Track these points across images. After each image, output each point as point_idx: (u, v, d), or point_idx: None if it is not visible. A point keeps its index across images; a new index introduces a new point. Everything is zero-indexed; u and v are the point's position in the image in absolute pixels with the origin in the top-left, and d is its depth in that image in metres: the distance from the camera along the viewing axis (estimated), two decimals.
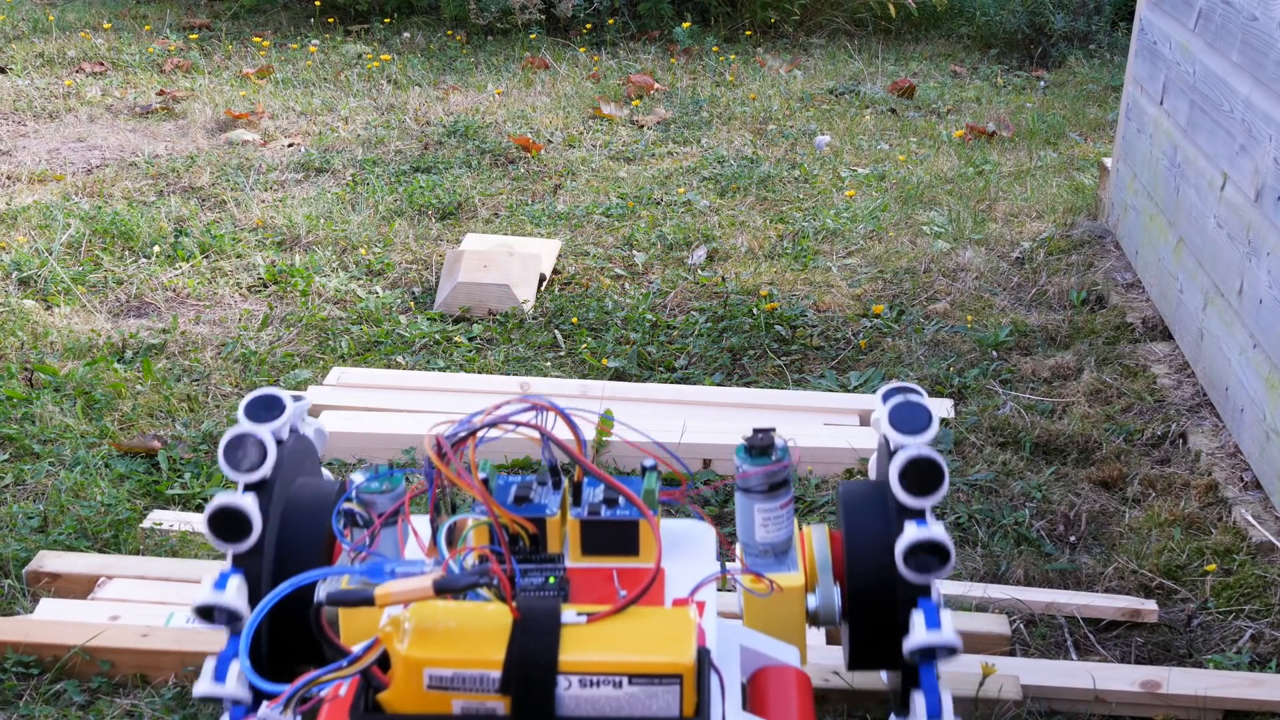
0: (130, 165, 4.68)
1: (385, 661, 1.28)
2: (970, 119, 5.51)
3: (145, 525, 2.53)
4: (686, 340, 3.42)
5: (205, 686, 1.65)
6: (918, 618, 1.67)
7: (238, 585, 1.69)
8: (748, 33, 6.95)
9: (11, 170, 4.60)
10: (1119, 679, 2.14)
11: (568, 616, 1.32)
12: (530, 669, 1.26)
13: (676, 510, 2.41)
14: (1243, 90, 3.02)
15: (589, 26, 6.74)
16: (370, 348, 3.36)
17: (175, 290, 3.65)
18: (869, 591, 1.75)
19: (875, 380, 3.21)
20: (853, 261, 3.97)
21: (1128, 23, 6.64)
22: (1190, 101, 3.43)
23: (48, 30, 6.53)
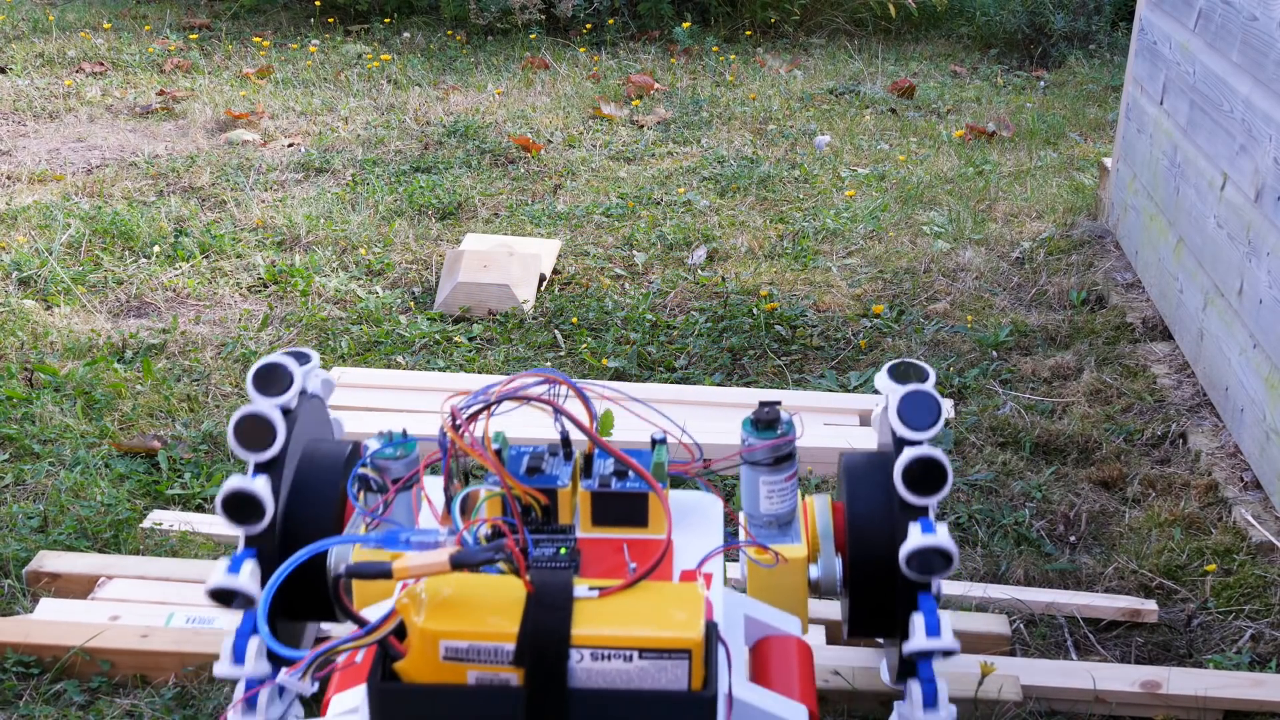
0: (130, 165, 4.68)
1: (401, 631, 1.31)
2: (970, 119, 5.51)
3: (145, 525, 2.53)
4: (686, 340, 3.42)
5: (224, 668, 1.71)
6: (918, 621, 1.72)
7: (251, 569, 1.72)
8: (748, 33, 6.95)
9: (11, 170, 4.60)
10: (1119, 679, 2.14)
11: (580, 591, 1.34)
12: (543, 642, 1.29)
13: (690, 483, 2.42)
14: (1243, 90, 3.02)
15: (589, 26, 6.74)
16: (370, 348, 3.36)
17: (175, 290, 3.65)
18: (869, 562, 1.79)
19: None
20: (853, 261, 3.97)
21: (1128, 23, 6.64)
22: (1190, 101, 3.43)
23: (48, 30, 6.53)
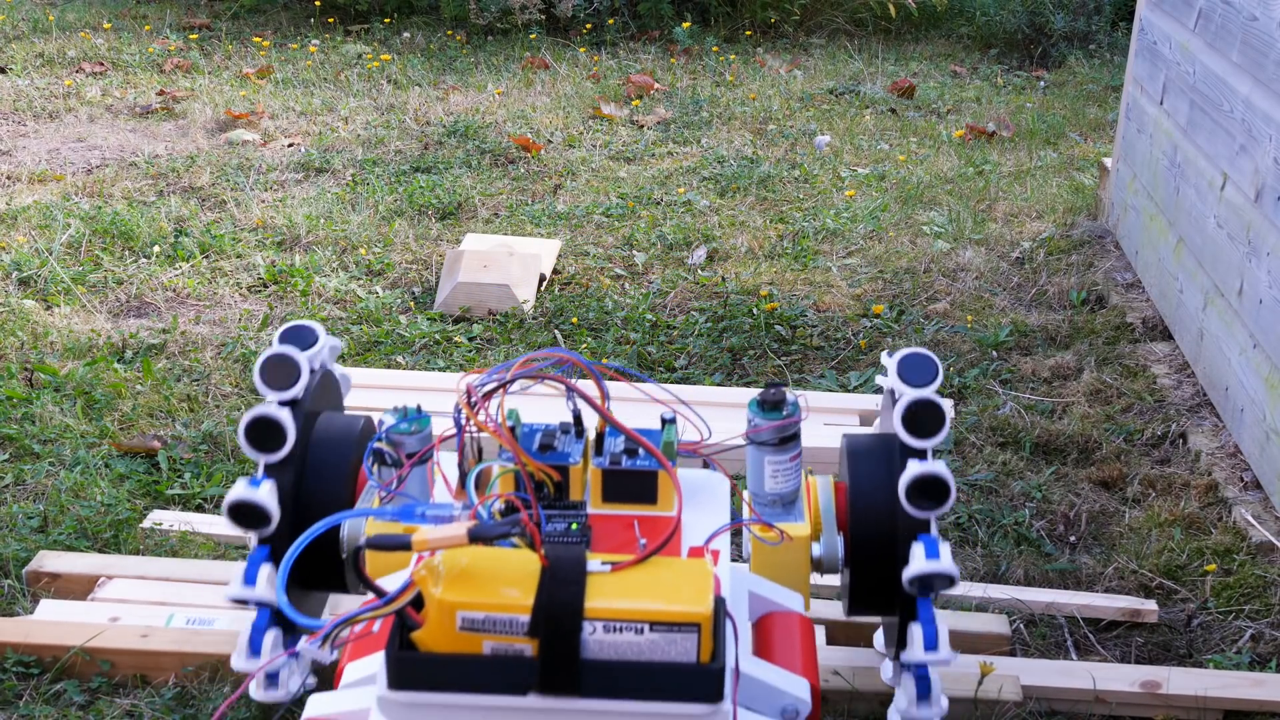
0: (130, 165, 4.68)
1: (418, 602, 1.34)
2: (970, 119, 5.51)
3: (145, 525, 2.53)
4: (686, 340, 3.42)
5: (235, 589, 1.77)
6: (917, 549, 1.77)
7: (270, 487, 1.79)
8: (748, 33, 6.95)
9: (11, 170, 4.60)
10: (1119, 679, 2.14)
11: (593, 565, 1.38)
12: (558, 614, 1.32)
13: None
14: (1243, 90, 3.02)
15: (589, 26, 6.74)
16: (370, 348, 3.36)
17: (175, 290, 3.65)
18: (871, 539, 1.85)
19: (875, 380, 3.21)
20: (853, 261, 3.97)
21: (1128, 23, 6.64)
22: (1190, 101, 3.43)
23: (48, 30, 6.53)
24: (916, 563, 1.77)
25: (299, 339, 1.92)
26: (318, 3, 6.97)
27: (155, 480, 2.70)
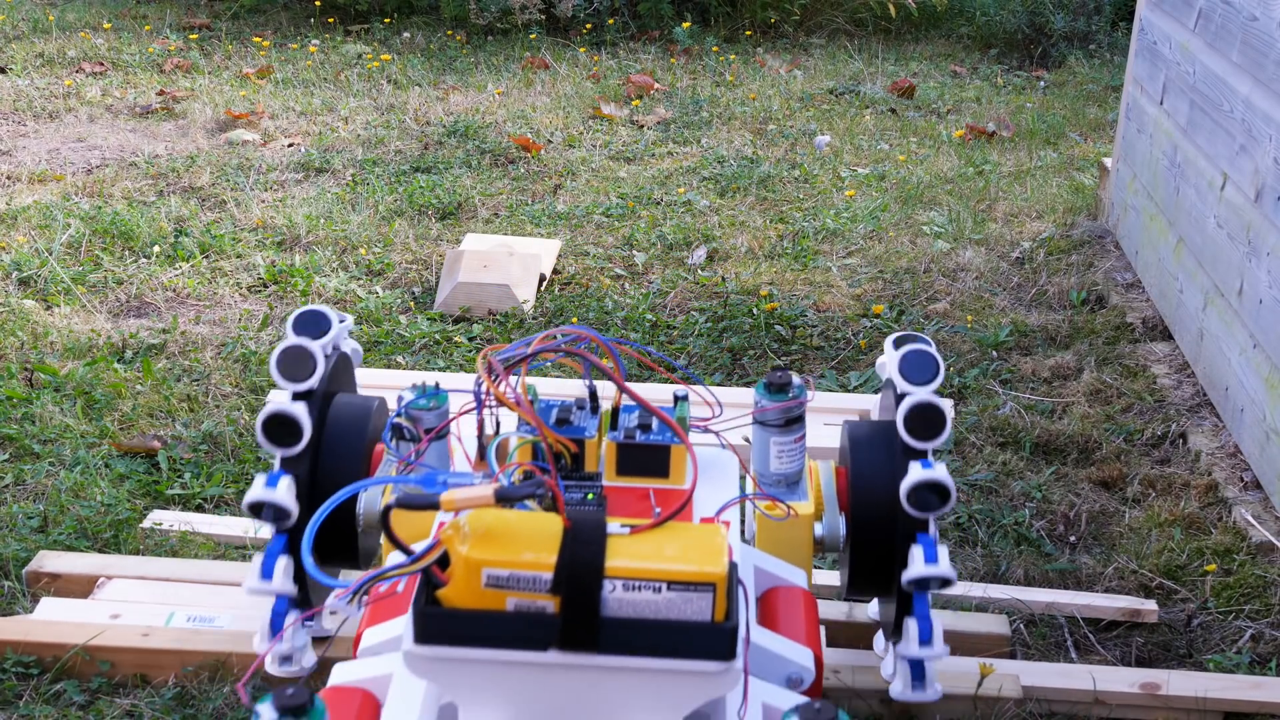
0: (130, 165, 4.68)
1: (444, 562, 1.39)
2: (970, 119, 5.51)
3: (145, 525, 2.53)
4: (686, 340, 3.42)
5: (253, 583, 1.84)
6: (916, 551, 1.84)
7: (288, 484, 1.85)
8: (748, 33, 6.95)
9: (11, 170, 4.60)
10: (1119, 680, 2.15)
11: (612, 528, 1.43)
12: (579, 572, 1.37)
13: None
14: (1243, 90, 3.02)
15: (589, 26, 6.74)
16: (370, 348, 3.36)
17: (175, 290, 3.65)
18: (871, 523, 1.91)
19: (875, 380, 3.21)
20: (853, 261, 3.97)
21: (1128, 23, 6.64)
22: (1190, 101, 3.43)
23: (48, 30, 6.53)
24: (915, 566, 1.82)
25: (313, 325, 1.98)
26: (318, 3, 6.97)
27: (155, 480, 2.70)
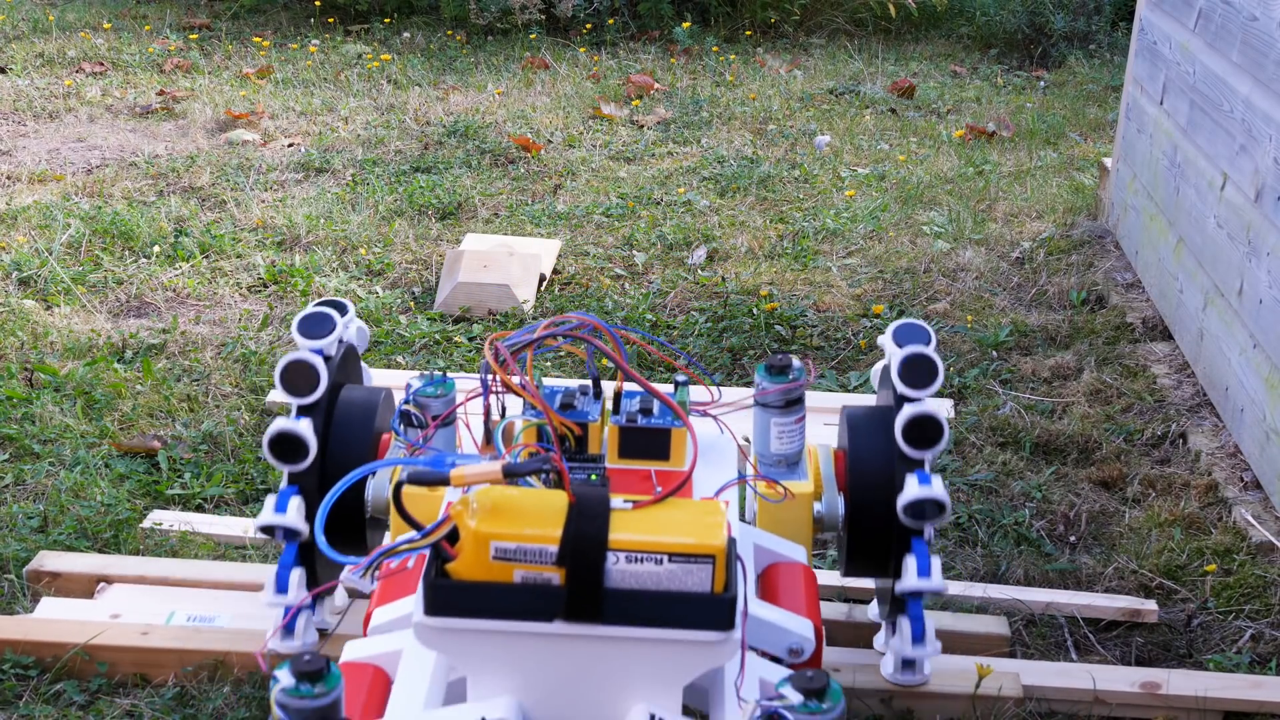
0: (130, 165, 4.68)
1: (453, 536, 1.44)
2: (970, 119, 5.51)
3: (145, 525, 2.53)
4: (686, 340, 3.42)
5: (269, 597, 1.93)
6: (910, 562, 1.90)
7: (297, 505, 1.92)
8: (748, 33, 6.95)
9: (11, 170, 4.60)
10: (1119, 680, 2.14)
11: (615, 503, 1.48)
12: (584, 545, 1.42)
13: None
14: (1243, 90, 3.02)
15: (589, 26, 6.74)
16: (370, 348, 3.36)
17: (175, 290, 3.65)
18: (869, 504, 1.97)
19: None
20: (853, 261, 3.97)
21: (1128, 23, 6.64)
22: (1190, 101, 3.43)
23: (48, 30, 6.53)
24: (908, 579, 1.89)
25: (317, 327, 2.03)
26: (318, 3, 6.97)
27: (155, 480, 2.70)
